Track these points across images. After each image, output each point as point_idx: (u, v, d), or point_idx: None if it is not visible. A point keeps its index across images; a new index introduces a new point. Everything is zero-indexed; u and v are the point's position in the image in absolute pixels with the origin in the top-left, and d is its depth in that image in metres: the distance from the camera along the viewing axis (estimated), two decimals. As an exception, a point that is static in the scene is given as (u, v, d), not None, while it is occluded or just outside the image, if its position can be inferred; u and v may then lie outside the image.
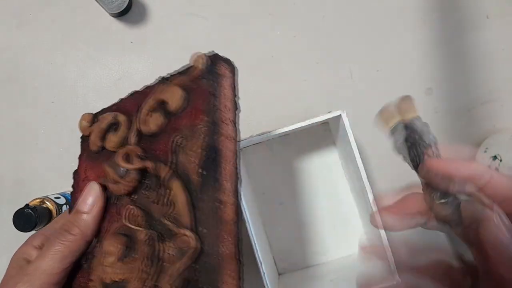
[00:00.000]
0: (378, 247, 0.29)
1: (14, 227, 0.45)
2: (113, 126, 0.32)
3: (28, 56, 0.58)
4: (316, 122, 0.45)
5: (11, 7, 0.58)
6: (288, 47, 0.58)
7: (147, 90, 0.32)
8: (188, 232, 0.25)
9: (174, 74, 0.31)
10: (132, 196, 0.29)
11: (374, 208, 0.44)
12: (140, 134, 0.31)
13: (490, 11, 0.58)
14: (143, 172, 0.29)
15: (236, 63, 0.58)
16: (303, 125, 0.45)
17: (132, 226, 0.28)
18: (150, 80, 0.59)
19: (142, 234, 0.27)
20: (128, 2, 0.56)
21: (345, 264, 0.53)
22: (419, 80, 0.57)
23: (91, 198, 0.29)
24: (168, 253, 0.26)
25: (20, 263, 0.30)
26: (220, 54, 0.30)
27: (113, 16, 0.57)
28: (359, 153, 0.44)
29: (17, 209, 0.46)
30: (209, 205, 0.25)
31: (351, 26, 0.58)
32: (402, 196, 0.29)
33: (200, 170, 0.26)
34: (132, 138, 0.31)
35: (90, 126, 0.33)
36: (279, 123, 0.46)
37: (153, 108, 0.30)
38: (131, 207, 0.29)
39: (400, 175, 0.56)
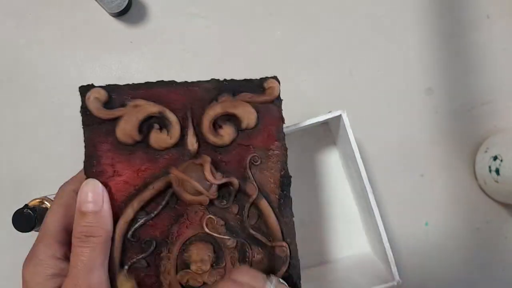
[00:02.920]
0: None
1: (13, 227, 0.45)
2: (155, 120, 0.30)
3: (28, 56, 0.58)
4: (316, 122, 0.45)
5: (11, 7, 0.58)
6: (288, 47, 0.58)
7: (196, 89, 0.30)
8: (284, 244, 0.31)
9: (237, 86, 0.31)
10: (204, 205, 0.31)
11: (375, 208, 0.44)
12: (199, 141, 0.31)
13: (490, 11, 0.58)
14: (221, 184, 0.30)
15: (236, 63, 0.58)
16: (303, 125, 0.45)
17: (216, 235, 0.30)
18: (150, 79, 0.59)
19: (229, 241, 0.31)
20: (128, 2, 0.56)
21: (345, 264, 0.53)
22: (419, 80, 0.57)
23: (98, 195, 0.28)
24: (258, 257, 0.31)
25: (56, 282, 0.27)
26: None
27: (112, 16, 0.57)
28: (359, 153, 0.44)
29: (16, 209, 0.46)
30: (288, 220, 0.31)
31: (351, 26, 0.58)
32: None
33: (279, 191, 0.31)
34: (194, 145, 0.30)
35: (109, 108, 0.29)
36: (279, 123, 0.46)
37: (220, 119, 0.31)
38: (211, 216, 0.31)
39: (401, 175, 0.56)
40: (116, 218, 0.29)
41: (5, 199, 0.56)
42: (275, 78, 0.32)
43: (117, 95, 0.30)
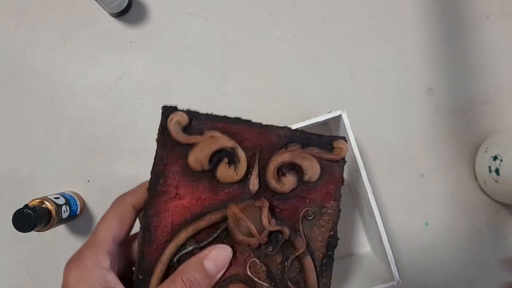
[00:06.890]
0: None
1: (13, 227, 0.45)
2: (225, 153, 0.31)
3: (28, 56, 0.58)
4: (316, 122, 0.45)
5: (11, 7, 0.58)
6: (288, 47, 0.58)
7: (269, 133, 0.32)
8: None
9: (307, 139, 0.32)
10: (250, 247, 0.31)
11: (375, 208, 0.44)
12: (261, 183, 0.31)
13: (490, 11, 0.58)
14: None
15: (236, 63, 0.58)
16: (303, 125, 0.44)
17: (255, 279, 0.30)
18: (150, 79, 0.59)
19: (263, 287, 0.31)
20: (128, 2, 0.56)
21: (345, 264, 0.53)
22: (419, 80, 0.57)
23: (224, 264, 0.29)
24: None
25: None
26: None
27: (113, 16, 0.57)
28: (359, 153, 0.44)
29: (16, 209, 0.46)
30: (327, 281, 0.31)
31: (351, 26, 0.58)
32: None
33: (324, 251, 0.31)
34: (255, 186, 0.31)
35: (187, 134, 0.30)
36: (279, 123, 0.46)
37: (285, 167, 0.31)
38: (255, 260, 0.30)
39: (400, 174, 0.56)
40: (168, 239, 0.30)
41: (5, 199, 0.56)
42: (344, 139, 0.32)
43: (197, 122, 0.31)
